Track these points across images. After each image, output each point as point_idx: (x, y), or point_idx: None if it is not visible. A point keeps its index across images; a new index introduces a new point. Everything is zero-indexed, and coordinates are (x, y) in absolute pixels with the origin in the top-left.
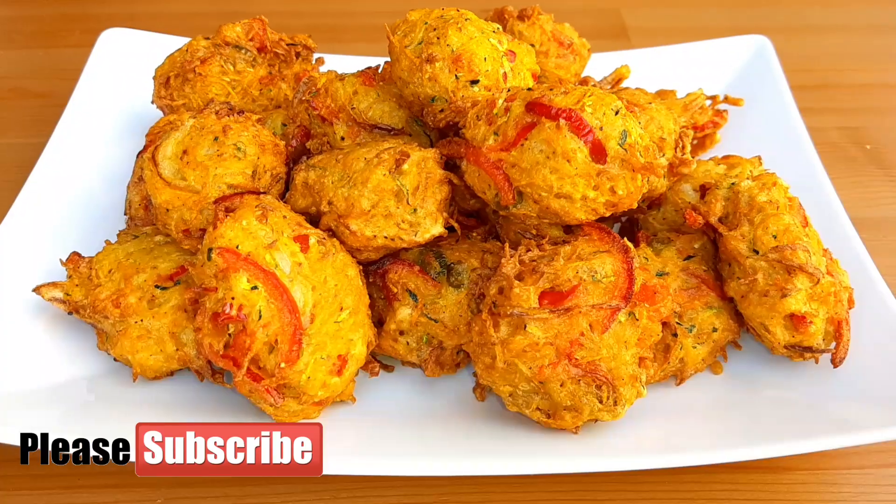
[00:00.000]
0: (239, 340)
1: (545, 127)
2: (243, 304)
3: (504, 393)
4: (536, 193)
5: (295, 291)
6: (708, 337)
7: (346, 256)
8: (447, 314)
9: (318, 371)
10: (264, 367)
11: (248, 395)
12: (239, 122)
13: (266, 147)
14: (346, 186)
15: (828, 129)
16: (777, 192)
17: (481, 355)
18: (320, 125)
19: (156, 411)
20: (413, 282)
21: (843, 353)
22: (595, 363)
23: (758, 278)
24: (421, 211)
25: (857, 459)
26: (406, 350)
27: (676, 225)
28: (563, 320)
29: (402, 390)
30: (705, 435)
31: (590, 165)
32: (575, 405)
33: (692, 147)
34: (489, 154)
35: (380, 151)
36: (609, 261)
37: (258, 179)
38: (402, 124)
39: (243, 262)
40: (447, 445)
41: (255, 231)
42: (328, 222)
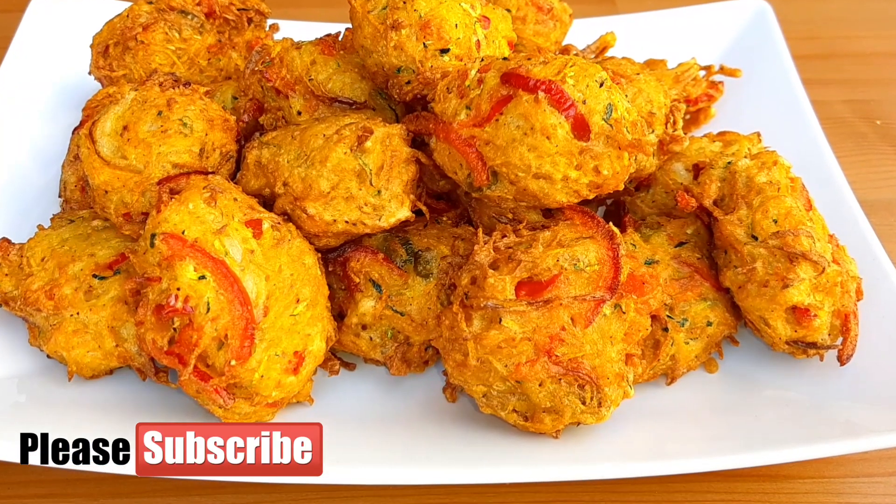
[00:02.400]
0: (185, 336)
1: (522, 100)
2: (190, 295)
3: (477, 393)
4: (513, 173)
5: (246, 281)
6: (702, 332)
7: (303, 243)
8: (414, 306)
9: (271, 369)
10: (213, 365)
11: (194, 395)
12: (185, 94)
13: (215, 122)
14: (302, 166)
15: (833, 102)
16: (778, 171)
17: (452, 352)
18: (275, 98)
19: (93, 413)
20: (377, 271)
21: (850, 350)
22: (577, 360)
23: (757, 267)
24: (385, 193)
25: (865, 467)
26: (369, 346)
27: (667, 208)
28: (542, 313)
29: (365, 391)
30: (698, 440)
31: (571, 143)
32: (555, 407)
33: (684, 122)
34: (461, 130)
35: (340, 127)
36: (593, 248)
37: (206, 158)
38: (365, 97)
39: (190, 249)
40: (414, 452)
41: (203, 215)
42: (283, 205)
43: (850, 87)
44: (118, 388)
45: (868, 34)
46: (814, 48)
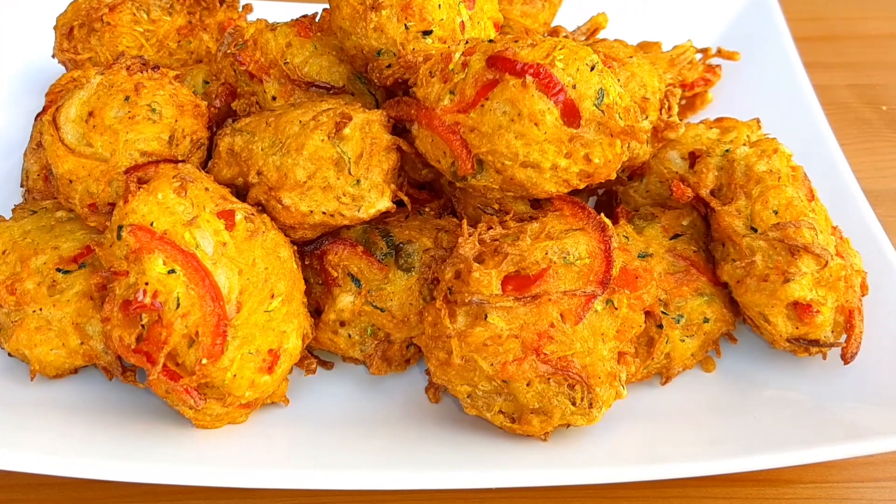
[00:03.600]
0: (153, 332)
1: (509, 85)
2: (159, 290)
3: (461, 394)
4: (499, 162)
5: (218, 276)
6: (698, 328)
7: (279, 235)
8: (395, 302)
9: (245, 368)
10: (183, 364)
11: (164, 396)
12: (154, 79)
13: (185, 108)
14: (277, 154)
15: (837, 86)
16: (778, 160)
17: (435, 350)
18: (248, 83)
19: (56, 415)
20: (356, 264)
21: (854, 348)
22: (567, 359)
23: (756, 260)
24: (365, 182)
25: (870, 471)
26: (347, 344)
27: (662, 199)
28: (529, 309)
29: (343, 391)
30: (695, 442)
31: (561, 129)
32: (544, 408)
33: (680, 108)
34: (444, 116)
35: (317, 113)
36: (583, 240)
37: (176, 146)
38: (343, 82)
39: (159, 241)
40: (395, 455)
41: (173, 206)
42: (257, 195)
43: (854, 70)
44: (83, 389)
45: (874, 15)
46: (816, 30)
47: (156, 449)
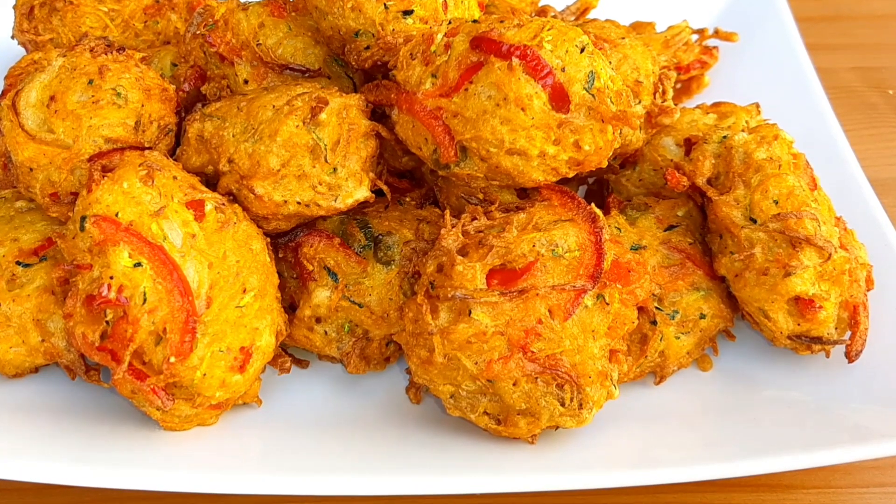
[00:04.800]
0: (118, 329)
1: (494, 68)
2: (124, 284)
3: (444, 394)
4: (483, 149)
5: (187, 269)
6: (694, 325)
7: (251, 226)
8: (374, 297)
9: (215, 367)
10: (150, 363)
11: (130, 396)
12: (119, 61)
13: (152, 92)
14: (250, 141)
15: (841, 69)
16: (779, 147)
17: (416, 347)
18: (219, 65)
19: (15, 417)
20: (332, 257)
21: (859, 346)
22: (555, 357)
23: (755, 253)
24: (342, 171)
25: (876, 476)
26: (324, 341)
27: (656, 188)
28: (516, 305)
29: (319, 391)
30: (691, 445)
31: (549, 115)
32: (531, 409)
33: (675, 92)
34: (426, 101)
35: (291, 98)
36: (573, 232)
37: (142, 132)
38: (319, 64)
39: (124, 233)
40: (374, 459)
41: (139, 195)
42: (228, 184)
43: (859, 52)
44: (44, 389)
45: None
46: (819, 9)
47: (121, 452)
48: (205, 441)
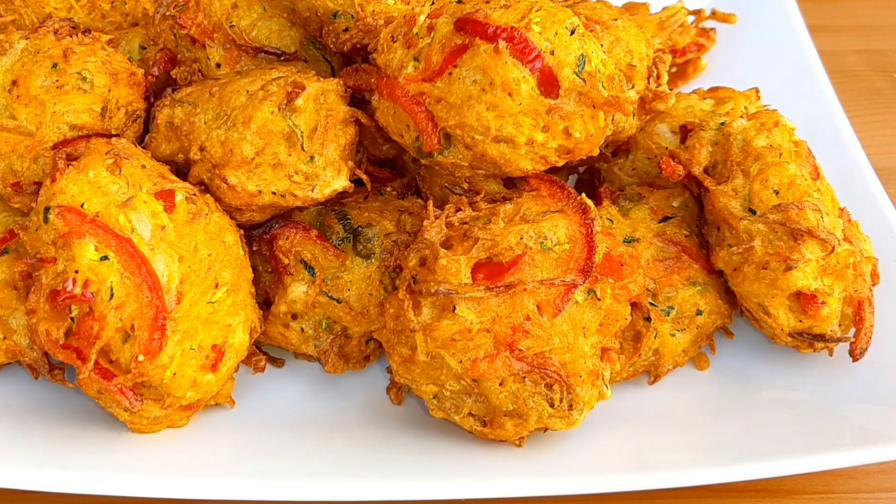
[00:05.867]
0: (84, 326)
1: (480, 51)
2: (90, 278)
3: (427, 394)
4: (468, 136)
5: (156, 263)
6: (690, 322)
7: (223, 218)
8: (353, 292)
9: (186, 366)
10: (117, 361)
11: (96, 396)
12: (84, 44)
13: (119, 77)
14: (222, 127)
15: (845, 52)
16: (779, 134)
17: (397, 345)
18: (190, 48)
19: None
20: (309, 250)
21: (864, 343)
22: (544, 355)
23: (755, 246)
24: (319, 159)
25: (882, 480)
26: (300, 339)
27: (650, 177)
28: (502, 300)
29: (295, 391)
30: (687, 448)
31: (537, 100)
32: (518, 410)
33: (670, 76)
34: (408, 86)
35: (266, 82)
36: (562, 223)
37: (109, 118)
38: (296, 47)
39: (90, 224)
40: (353, 463)
41: (106, 185)
42: (200, 174)
43: (864, 34)
44: (5, 388)
45: None
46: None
47: (86, 456)
48: (175, 444)
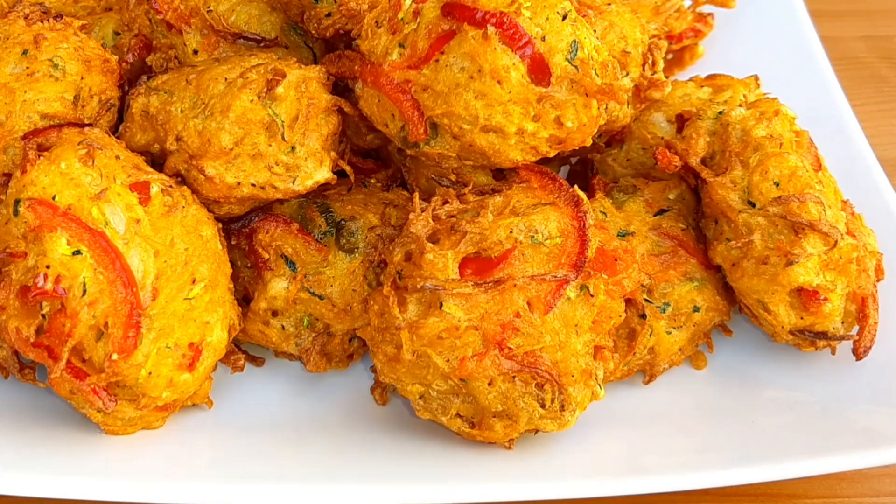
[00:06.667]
0: (56, 323)
1: (468, 37)
2: (62, 274)
3: (413, 394)
4: (456, 126)
5: (131, 258)
6: (687, 319)
7: (201, 211)
8: (336, 288)
9: (161, 365)
10: (90, 360)
11: (68, 397)
12: (56, 30)
13: (92, 64)
14: (199, 117)
15: (849, 38)
16: (780, 123)
17: (382, 344)
18: (166, 34)
19: None
20: (290, 245)
21: (868, 341)
22: (535, 354)
23: (754, 240)
24: (301, 150)
25: (887, 484)
26: (280, 337)
27: (645, 168)
28: (491, 296)
29: (275, 391)
30: (683, 451)
31: (528, 88)
32: (508, 410)
33: (666, 63)
34: (393, 73)
35: (245, 70)
36: (554, 216)
37: (82, 107)
38: (276, 33)
39: (62, 217)
40: (335, 466)
41: (78, 177)
42: (176, 165)
43: (869, 20)
44: None
45: None
46: None
47: (58, 458)
48: (150, 446)
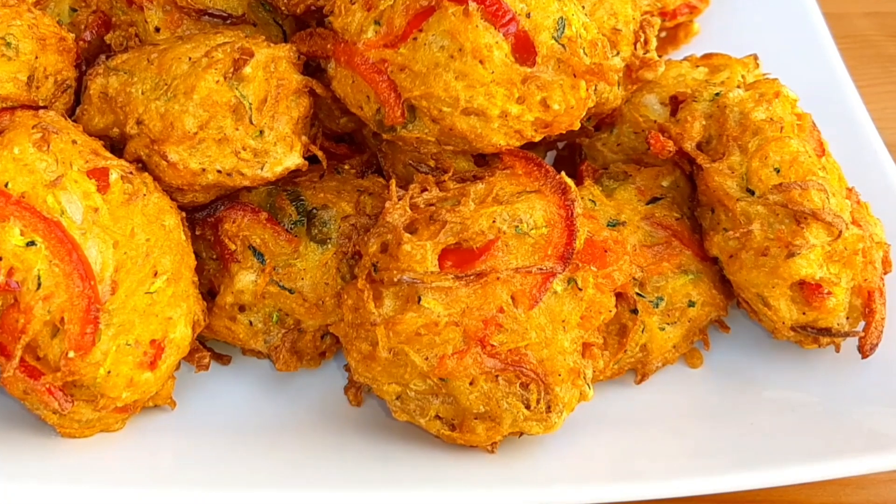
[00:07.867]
0: (9, 319)
1: (448, 13)
2: (15, 266)
3: (389, 395)
4: (435, 108)
5: (89, 249)
6: (681, 314)
7: (163, 199)
8: (307, 281)
9: (121, 363)
10: (45, 358)
11: (21, 397)
12: (8, 6)
13: (47, 42)
14: (162, 98)
15: (853, 15)
16: (780, 106)
17: (356, 340)
18: (125, 10)
19: None
20: (258, 235)
21: (874, 338)
22: (519, 352)
23: (753, 230)
24: (270, 134)
25: (894, 490)
26: (248, 333)
27: (637, 153)
28: (473, 290)
29: (243, 391)
30: (678, 455)
31: (512, 68)
32: (490, 412)
33: (660, 42)
34: (368, 52)
35: (211, 49)
36: (539, 205)
37: (36, 88)
38: (243, 9)
39: (15, 206)
40: (306, 471)
41: (32, 162)
42: (137, 150)
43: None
44: None
45: None
46: None
47: (10, 463)
48: (109, 450)
